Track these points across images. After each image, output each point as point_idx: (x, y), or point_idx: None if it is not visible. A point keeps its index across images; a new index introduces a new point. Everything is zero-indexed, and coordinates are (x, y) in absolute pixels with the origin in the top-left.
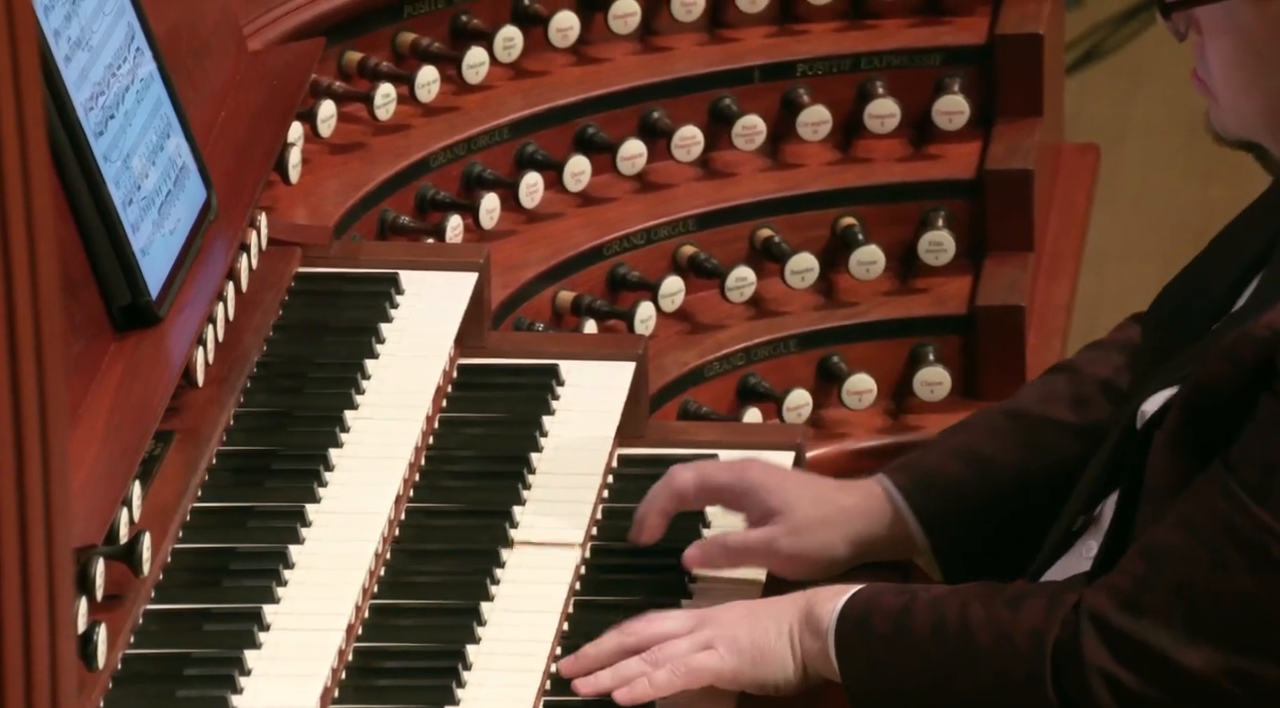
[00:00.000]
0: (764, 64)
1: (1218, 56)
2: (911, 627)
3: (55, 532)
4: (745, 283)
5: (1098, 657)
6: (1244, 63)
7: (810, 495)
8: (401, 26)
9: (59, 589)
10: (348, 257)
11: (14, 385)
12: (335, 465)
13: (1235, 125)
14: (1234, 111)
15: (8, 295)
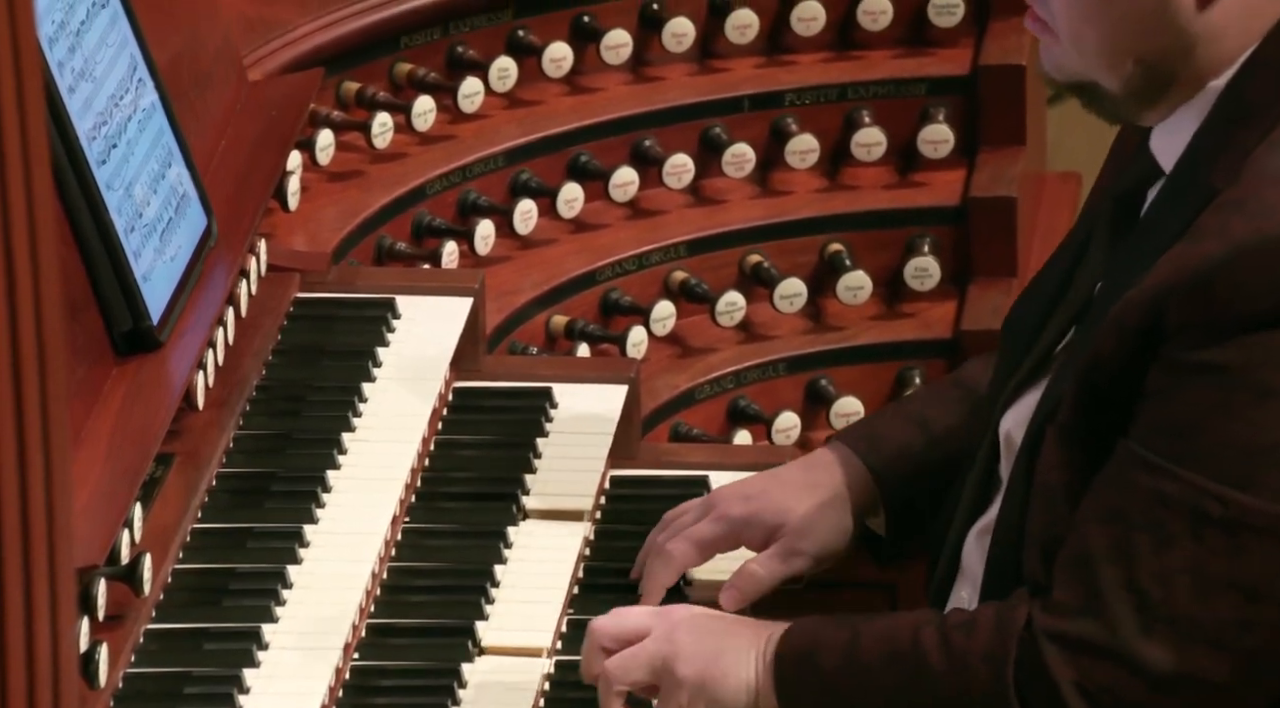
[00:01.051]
0: (753, 94)
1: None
2: (862, 658)
3: (58, 552)
4: (735, 307)
5: (1065, 671)
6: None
7: (794, 492)
8: (398, 57)
9: (61, 609)
10: (345, 282)
11: (18, 408)
12: (333, 487)
13: (1074, 60)
14: (1074, 43)
15: (12, 320)
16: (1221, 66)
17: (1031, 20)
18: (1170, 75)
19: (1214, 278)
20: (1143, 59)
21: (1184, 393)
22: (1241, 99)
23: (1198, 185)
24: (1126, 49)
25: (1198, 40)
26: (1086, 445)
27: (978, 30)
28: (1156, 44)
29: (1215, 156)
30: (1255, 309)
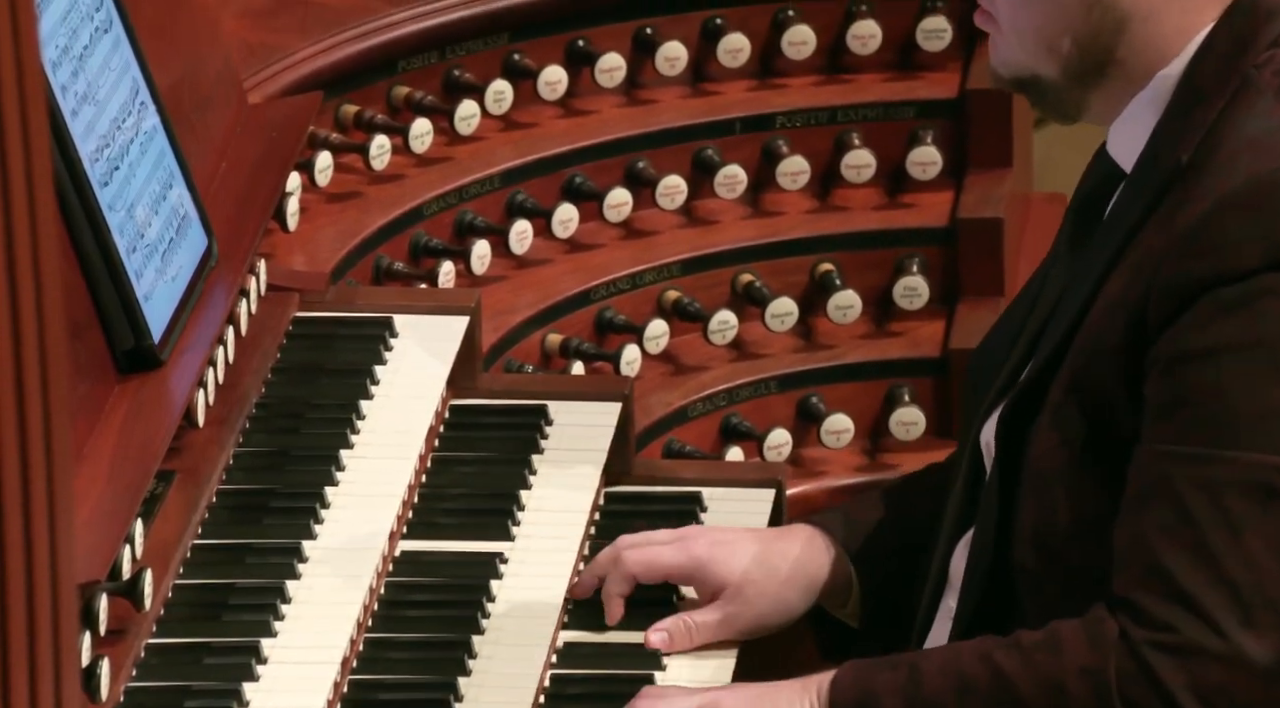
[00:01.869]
0: (745, 116)
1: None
2: (928, 695)
3: (60, 568)
4: (727, 326)
5: (1176, 677)
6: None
7: (754, 557)
8: (396, 80)
9: (63, 624)
10: (344, 301)
11: (21, 426)
12: (331, 503)
13: (1015, 50)
14: (1012, 30)
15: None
16: (1167, 53)
17: (980, 15)
18: (1106, 52)
19: (1204, 237)
20: (1078, 38)
21: (1200, 377)
22: (1194, 85)
23: (1160, 167)
24: (1061, 29)
25: (1130, 16)
26: (1074, 429)
27: (965, 54)
28: (1089, 21)
29: (1177, 139)
30: (1249, 260)
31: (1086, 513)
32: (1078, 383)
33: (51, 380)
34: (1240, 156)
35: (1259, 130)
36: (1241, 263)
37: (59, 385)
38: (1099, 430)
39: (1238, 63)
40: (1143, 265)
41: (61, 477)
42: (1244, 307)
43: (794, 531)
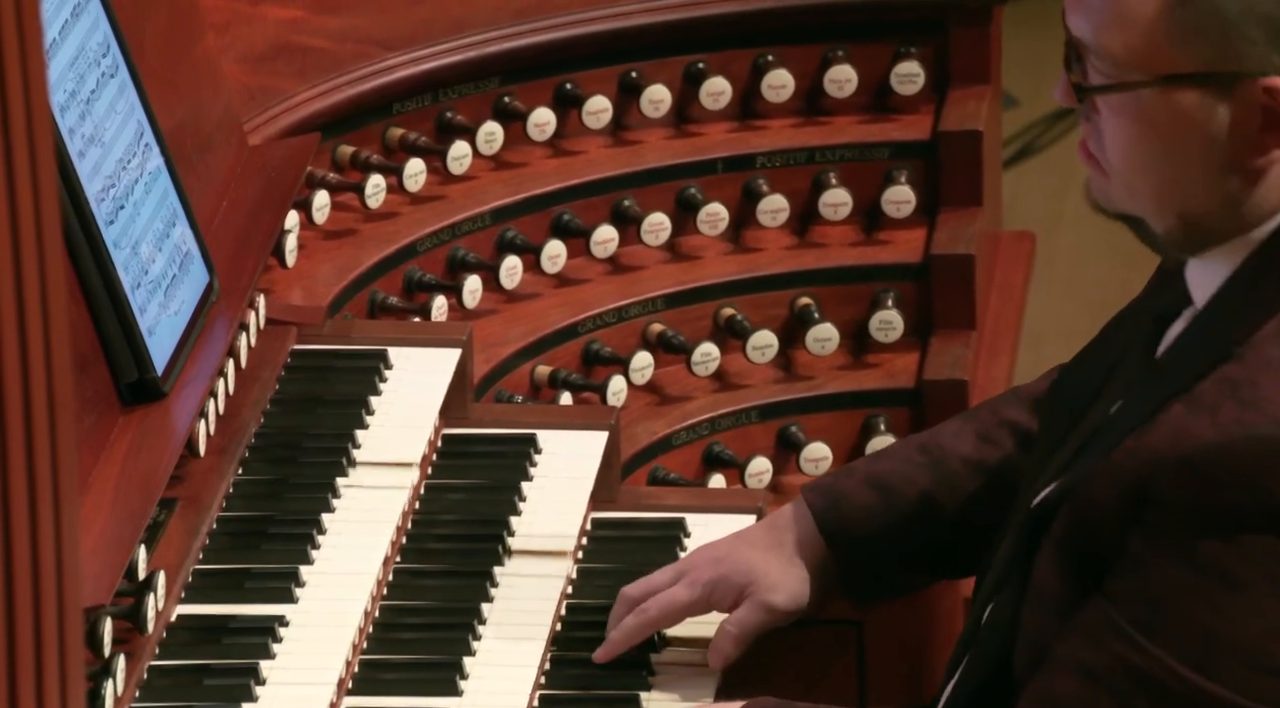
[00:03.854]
0: (726, 156)
1: (1118, 138)
2: None
3: (66, 592)
4: (710, 358)
5: None
6: (1144, 146)
7: (759, 551)
8: (391, 122)
9: (69, 646)
10: (340, 335)
11: (29, 455)
12: (327, 529)
13: (1123, 200)
14: (1126, 189)
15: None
16: (1264, 218)
17: (1083, 154)
18: (1212, 233)
19: (1199, 466)
20: (1186, 215)
21: (1159, 567)
22: (1276, 256)
23: (1216, 337)
24: (1173, 205)
25: (1243, 203)
26: (1072, 567)
27: (937, 98)
28: (1201, 205)
29: (1238, 311)
30: (1236, 506)
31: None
32: (1080, 526)
33: (58, 412)
34: (1259, 387)
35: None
36: (1225, 505)
37: (65, 417)
38: (1091, 572)
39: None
40: (1154, 451)
41: (67, 505)
42: (1211, 536)
43: (781, 511)
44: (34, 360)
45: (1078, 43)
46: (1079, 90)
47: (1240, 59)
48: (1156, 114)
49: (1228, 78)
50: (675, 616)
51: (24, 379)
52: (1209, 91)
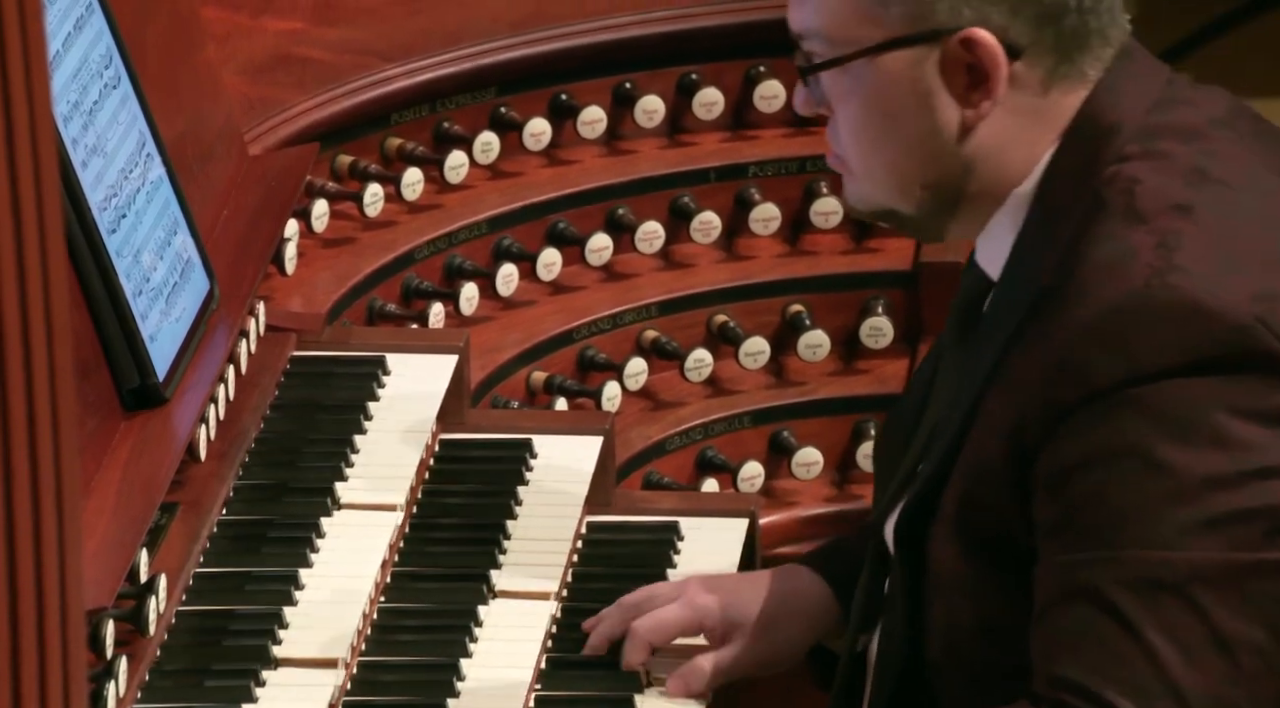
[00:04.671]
0: (719, 166)
1: (847, 122)
2: None
3: (69, 595)
4: (703, 364)
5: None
6: (870, 122)
7: (762, 597)
8: (389, 132)
9: (72, 648)
10: (339, 341)
11: (33, 461)
12: (326, 533)
13: (869, 190)
14: (865, 176)
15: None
16: (1019, 175)
17: (831, 158)
18: (958, 193)
19: (1067, 362)
20: (928, 184)
21: (1084, 489)
22: (1048, 203)
23: (1025, 285)
24: (912, 177)
25: (974, 161)
26: (973, 542)
27: None
28: (936, 169)
29: (1037, 257)
30: (1109, 383)
31: (991, 615)
32: (970, 500)
33: (61, 418)
34: (1093, 281)
35: (1109, 253)
36: (1104, 383)
37: (68, 422)
38: (997, 544)
39: (1086, 181)
40: (1017, 391)
41: (70, 509)
42: (1110, 419)
43: (786, 570)
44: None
45: (795, 36)
46: (802, 73)
47: (933, 16)
48: (873, 85)
49: (926, 35)
50: (666, 637)
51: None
52: (913, 52)
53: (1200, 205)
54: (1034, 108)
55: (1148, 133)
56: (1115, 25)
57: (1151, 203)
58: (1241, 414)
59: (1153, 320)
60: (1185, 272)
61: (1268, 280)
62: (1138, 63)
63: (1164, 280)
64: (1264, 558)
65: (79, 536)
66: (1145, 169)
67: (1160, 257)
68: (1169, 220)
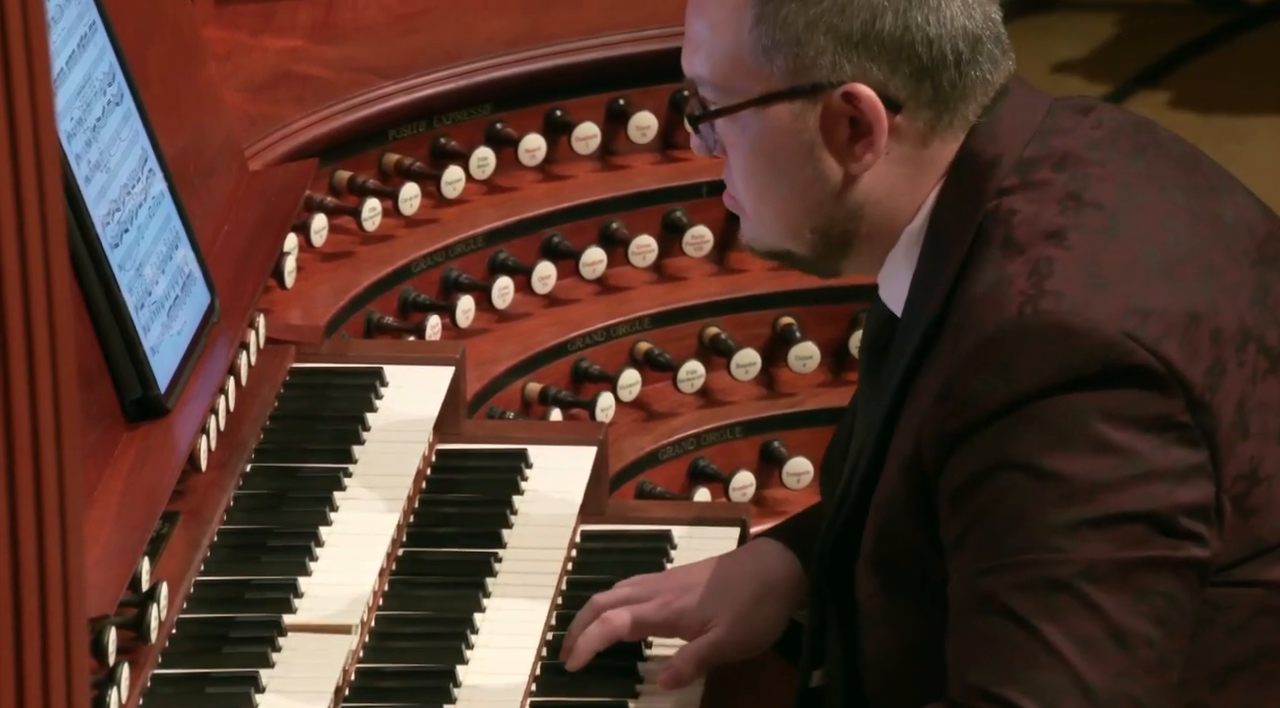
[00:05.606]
0: (711, 181)
1: (738, 168)
2: None
3: (72, 603)
4: (695, 375)
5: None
6: (758, 169)
7: (734, 583)
8: (387, 148)
9: (75, 656)
10: (337, 353)
11: (37, 470)
12: (325, 542)
13: (762, 233)
14: (757, 219)
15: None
16: (907, 215)
17: (727, 198)
18: (847, 236)
19: (954, 393)
20: (816, 228)
21: (975, 509)
22: (937, 238)
23: (918, 319)
24: (800, 221)
25: (861, 206)
26: (890, 575)
27: None
28: (822, 215)
29: (928, 292)
30: (994, 403)
31: (916, 640)
32: (883, 534)
33: (65, 428)
34: (973, 313)
35: (987, 284)
36: (988, 408)
37: (71, 433)
38: (913, 574)
39: (970, 215)
40: (912, 421)
41: (73, 518)
42: (997, 438)
43: (752, 548)
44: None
45: (689, 82)
46: (690, 121)
47: (814, 69)
48: (759, 135)
49: (807, 89)
50: (639, 632)
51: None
52: (797, 105)
53: (1072, 229)
54: (916, 156)
55: (1025, 164)
56: (998, 70)
57: (1026, 232)
58: (1119, 422)
59: (1027, 345)
60: (1056, 295)
61: (1139, 295)
62: (1016, 97)
63: (1036, 307)
64: (1150, 555)
65: (82, 544)
66: (1022, 200)
67: (1033, 284)
68: (1042, 248)
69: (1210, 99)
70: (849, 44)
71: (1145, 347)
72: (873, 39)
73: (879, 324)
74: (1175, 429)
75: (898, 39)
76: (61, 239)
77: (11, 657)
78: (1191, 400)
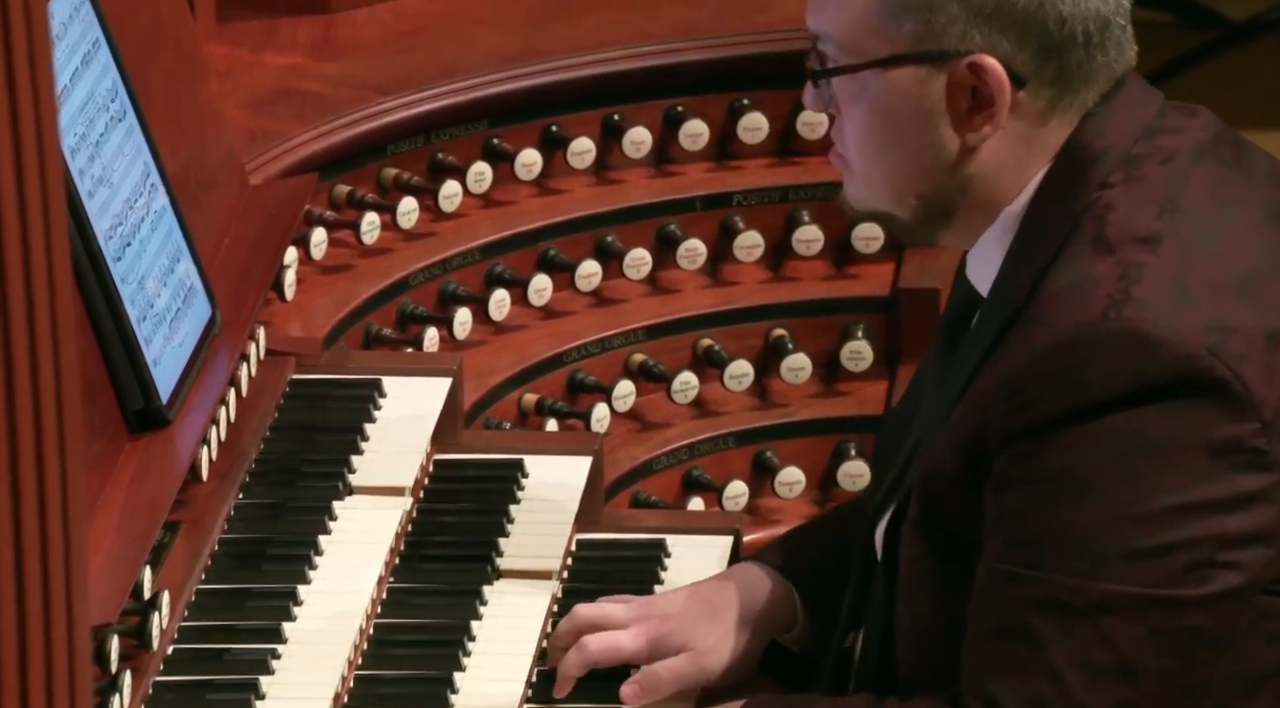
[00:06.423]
0: (704, 195)
1: (852, 127)
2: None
3: (75, 611)
4: (689, 386)
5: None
6: (873, 131)
7: (710, 610)
8: (385, 163)
9: (78, 663)
10: (336, 365)
11: (40, 481)
12: (324, 550)
13: (866, 193)
14: (865, 179)
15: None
16: (1010, 194)
17: (834, 156)
18: (950, 206)
19: (1022, 387)
20: (922, 195)
21: (1017, 504)
22: (1033, 224)
23: (1003, 304)
24: (908, 186)
25: (969, 178)
26: (936, 544)
27: None
28: (931, 182)
29: (1016, 277)
30: (1056, 410)
31: (952, 615)
32: (930, 502)
33: (68, 439)
34: (1054, 308)
35: (1070, 281)
36: (1053, 411)
37: (74, 443)
38: (955, 544)
39: (1068, 205)
40: (977, 403)
41: (76, 528)
42: (1054, 445)
43: (732, 574)
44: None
45: (813, 37)
46: (811, 75)
47: (944, 37)
48: (879, 96)
49: (934, 55)
50: (615, 660)
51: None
52: (921, 70)
53: (1166, 236)
54: (1031, 134)
55: (1132, 160)
56: (1122, 58)
57: (1120, 232)
58: (1184, 444)
59: (1104, 351)
60: (1140, 304)
61: (1223, 312)
62: (1132, 90)
63: (1120, 312)
64: (1177, 594)
65: (85, 553)
66: (1122, 197)
67: (1120, 289)
68: (1134, 252)
69: None
70: (981, 15)
71: (1225, 364)
72: (1005, 11)
73: (961, 302)
74: (1244, 453)
75: (1031, 14)
76: (65, 252)
77: (16, 664)
78: (1265, 423)
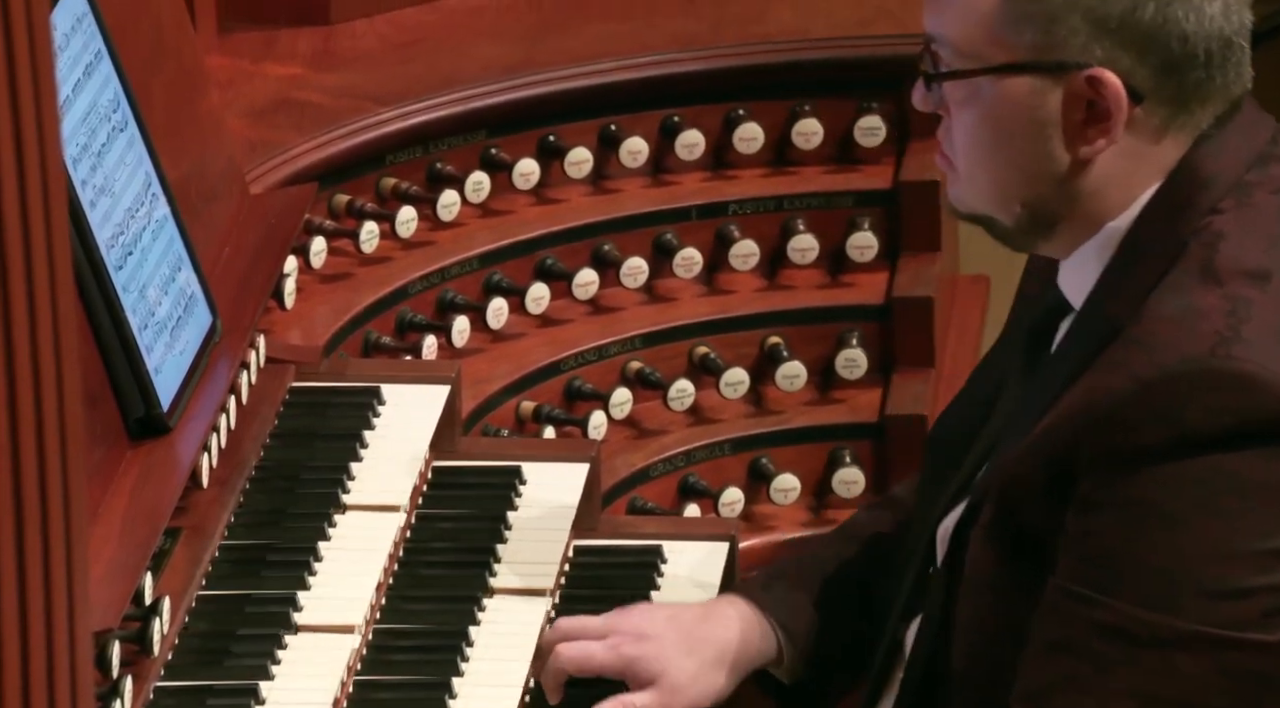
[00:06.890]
0: (700, 204)
1: (962, 131)
2: None
3: (77, 617)
4: (685, 394)
5: None
6: (983, 136)
7: (684, 642)
8: (384, 172)
9: (80, 668)
10: (335, 373)
11: (42, 488)
12: (324, 557)
13: (970, 196)
14: (969, 182)
15: (37, 409)
16: (1115, 210)
17: (940, 157)
18: (1054, 217)
19: (1117, 414)
20: (1028, 203)
21: (1101, 527)
22: (1139, 242)
23: (1101, 321)
24: (1013, 194)
25: (1077, 191)
26: (1007, 548)
27: (898, 150)
28: (1039, 192)
29: (1117, 294)
30: (1153, 442)
31: (1012, 621)
32: (1008, 510)
33: (69, 446)
34: (1160, 336)
35: (1177, 308)
36: (1152, 443)
37: (76, 451)
38: (1026, 554)
39: (1176, 227)
40: (1068, 417)
41: (78, 534)
42: (1148, 476)
43: (717, 608)
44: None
45: (929, 39)
46: (925, 78)
47: (1064, 49)
48: (993, 103)
49: (1053, 66)
50: (587, 670)
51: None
52: (1038, 80)
53: (1276, 272)
54: (1143, 152)
55: (1244, 187)
56: (1239, 81)
57: (1229, 264)
58: (1275, 491)
59: (1209, 389)
60: (1248, 344)
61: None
62: (1246, 114)
63: (1229, 351)
64: (1251, 638)
65: (86, 560)
66: (1234, 225)
67: (1229, 326)
68: (1242, 287)
69: None
70: (1104, 28)
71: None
72: (1129, 26)
73: (1048, 311)
74: None
75: (1154, 30)
76: (67, 261)
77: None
78: None
